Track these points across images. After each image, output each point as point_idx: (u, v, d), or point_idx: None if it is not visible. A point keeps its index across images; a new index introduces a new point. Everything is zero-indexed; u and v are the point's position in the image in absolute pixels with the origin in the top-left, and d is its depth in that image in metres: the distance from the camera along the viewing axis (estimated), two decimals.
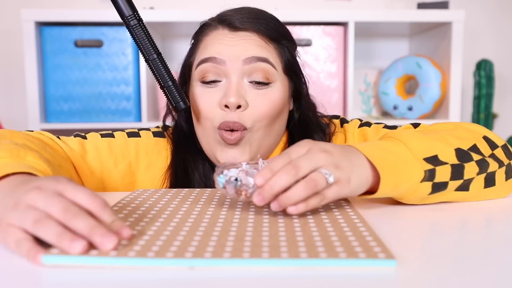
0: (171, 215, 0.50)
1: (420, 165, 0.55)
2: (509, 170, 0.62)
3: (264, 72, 0.72)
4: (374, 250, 0.39)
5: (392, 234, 0.47)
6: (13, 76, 2.00)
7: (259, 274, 0.36)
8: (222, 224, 0.47)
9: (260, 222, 0.48)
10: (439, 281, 0.35)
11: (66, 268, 0.38)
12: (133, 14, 0.66)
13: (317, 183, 0.47)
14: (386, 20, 1.70)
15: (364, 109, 2.02)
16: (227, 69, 0.72)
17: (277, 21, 0.77)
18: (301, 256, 0.38)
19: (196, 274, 0.36)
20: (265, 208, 0.53)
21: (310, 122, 0.81)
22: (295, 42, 0.80)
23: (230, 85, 0.71)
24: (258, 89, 0.72)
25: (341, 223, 0.47)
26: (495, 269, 0.38)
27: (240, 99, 0.70)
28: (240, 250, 0.39)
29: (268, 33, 0.73)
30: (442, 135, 0.60)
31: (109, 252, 0.38)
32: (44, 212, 0.40)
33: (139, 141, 0.81)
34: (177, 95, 0.69)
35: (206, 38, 0.75)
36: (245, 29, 0.73)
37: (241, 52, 0.71)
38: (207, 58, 0.72)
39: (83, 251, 0.38)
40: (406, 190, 0.55)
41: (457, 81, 1.73)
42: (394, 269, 0.37)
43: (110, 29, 1.68)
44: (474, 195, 0.60)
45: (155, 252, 0.39)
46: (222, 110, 0.71)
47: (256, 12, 0.76)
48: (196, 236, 0.43)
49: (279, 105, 0.74)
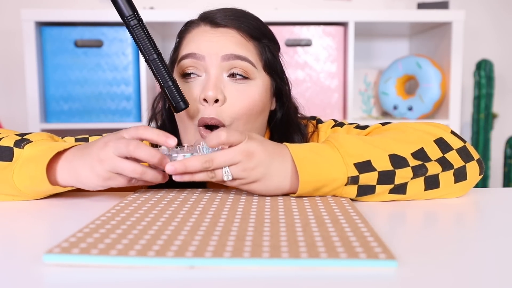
0: (172, 214, 0.50)
1: (346, 170, 0.59)
2: (460, 173, 0.63)
3: (243, 69, 0.72)
4: (375, 250, 0.39)
5: (393, 234, 0.47)
6: (13, 76, 2.00)
7: (259, 274, 0.36)
8: (223, 224, 0.47)
9: (261, 221, 0.48)
10: (440, 282, 0.35)
11: (67, 267, 0.38)
12: (133, 14, 0.66)
13: (216, 176, 0.58)
14: (386, 20, 1.70)
15: (364, 109, 2.02)
16: (206, 64, 0.72)
17: (260, 21, 0.78)
18: (302, 256, 0.38)
19: (197, 274, 0.36)
20: (267, 208, 0.54)
21: (292, 122, 0.81)
22: (278, 44, 0.80)
23: (209, 79, 0.71)
24: (237, 84, 0.72)
25: (342, 223, 0.47)
26: (496, 270, 0.38)
27: (217, 92, 0.70)
28: (240, 249, 0.39)
29: (248, 31, 0.74)
30: (385, 140, 0.63)
31: (109, 251, 0.38)
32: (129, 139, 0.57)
33: None
34: (177, 95, 0.68)
35: (188, 36, 0.76)
36: (225, 26, 0.73)
37: (220, 48, 0.72)
38: (187, 54, 0.73)
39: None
40: (329, 192, 0.60)
41: (457, 81, 1.73)
42: (395, 269, 0.37)
43: (110, 29, 1.68)
44: (414, 196, 0.62)
45: (155, 251, 0.39)
46: (201, 105, 0.71)
47: (240, 11, 0.77)
48: (197, 236, 0.43)
49: (258, 103, 0.73)
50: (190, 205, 0.55)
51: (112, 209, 0.52)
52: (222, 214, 0.51)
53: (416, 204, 0.61)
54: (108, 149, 0.56)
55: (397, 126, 0.71)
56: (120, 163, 0.56)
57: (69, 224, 0.51)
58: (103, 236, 0.42)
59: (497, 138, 2.09)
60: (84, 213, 0.57)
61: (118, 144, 0.56)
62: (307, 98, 1.74)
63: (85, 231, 0.44)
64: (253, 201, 0.57)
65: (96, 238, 0.42)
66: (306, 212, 0.51)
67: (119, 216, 0.49)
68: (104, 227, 0.45)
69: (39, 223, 0.54)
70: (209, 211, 0.52)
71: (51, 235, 0.49)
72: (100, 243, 0.40)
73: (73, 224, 0.50)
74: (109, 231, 0.44)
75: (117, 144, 0.56)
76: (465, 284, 0.35)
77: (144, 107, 1.69)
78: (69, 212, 0.58)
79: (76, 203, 0.61)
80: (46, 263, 0.38)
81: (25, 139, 0.63)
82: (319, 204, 0.55)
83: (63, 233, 0.46)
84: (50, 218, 0.56)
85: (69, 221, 0.54)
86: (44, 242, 0.41)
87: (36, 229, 0.51)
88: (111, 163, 0.56)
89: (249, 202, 0.57)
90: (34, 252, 0.41)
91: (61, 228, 0.51)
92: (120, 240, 0.41)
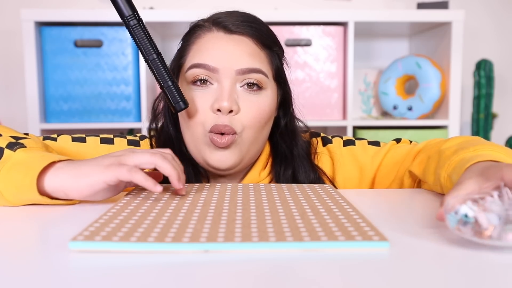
0: (178, 206, 0.54)
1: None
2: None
3: (257, 80, 0.72)
4: (369, 233, 0.44)
5: (379, 219, 0.52)
6: (13, 76, 2.00)
7: (267, 256, 0.41)
8: (227, 213, 0.51)
9: (262, 211, 0.52)
10: (427, 259, 0.41)
11: (91, 253, 0.41)
12: (132, 14, 0.66)
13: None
14: (386, 20, 1.70)
15: (364, 109, 2.02)
16: (220, 76, 0.71)
17: (267, 27, 0.77)
18: (305, 239, 0.42)
19: (211, 257, 0.40)
20: (264, 199, 0.58)
21: (296, 130, 0.81)
22: (283, 48, 0.80)
23: (223, 90, 0.71)
24: (250, 94, 0.72)
25: (335, 211, 0.52)
26: (478, 246, 0.43)
27: (232, 103, 0.70)
28: (248, 235, 0.43)
29: (261, 38, 0.73)
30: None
31: (129, 238, 0.42)
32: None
33: (111, 148, 0.80)
34: (177, 95, 0.68)
35: (200, 41, 0.74)
36: (239, 33, 0.72)
37: (234, 61, 0.71)
38: (199, 64, 0.71)
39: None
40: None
41: (456, 81, 1.74)
42: (387, 249, 0.42)
43: (110, 29, 1.68)
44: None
45: (171, 237, 0.42)
46: (214, 113, 0.71)
47: (250, 16, 0.76)
48: (206, 224, 0.47)
49: (269, 112, 0.74)
50: (192, 197, 0.59)
51: (119, 202, 0.55)
52: (224, 205, 0.54)
53: (397, 192, 0.67)
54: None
55: (438, 141, 0.73)
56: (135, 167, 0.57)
57: (82, 219, 0.52)
58: (118, 225, 0.46)
59: (497, 138, 2.09)
60: (94, 207, 0.58)
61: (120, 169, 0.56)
62: (307, 98, 1.74)
63: (100, 222, 0.47)
64: (250, 192, 0.61)
65: (113, 227, 0.45)
66: (301, 202, 0.56)
67: (128, 208, 0.52)
68: (117, 218, 0.48)
69: (55, 218, 0.55)
70: (211, 203, 0.55)
71: (67, 228, 0.51)
72: (118, 232, 0.44)
73: (86, 218, 0.52)
74: (123, 221, 0.47)
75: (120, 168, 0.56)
76: (451, 261, 0.40)
77: (144, 107, 1.69)
78: (78, 208, 0.58)
79: (81, 203, 0.62)
80: (72, 250, 0.41)
81: (19, 143, 0.61)
82: (311, 194, 0.60)
83: (79, 225, 0.48)
84: (62, 214, 0.56)
85: (80, 216, 0.55)
86: (60, 234, 0.46)
87: (53, 224, 0.53)
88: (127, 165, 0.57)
89: (247, 194, 0.60)
90: (58, 241, 0.45)
91: (76, 222, 0.52)
92: (136, 228, 0.45)
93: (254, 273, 0.37)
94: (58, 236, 0.47)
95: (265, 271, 0.38)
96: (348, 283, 0.36)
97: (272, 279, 0.36)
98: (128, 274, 0.37)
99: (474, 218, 0.41)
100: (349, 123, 1.74)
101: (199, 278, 0.36)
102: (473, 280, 0.36)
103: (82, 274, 0.38)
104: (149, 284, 0.35)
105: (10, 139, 0.62)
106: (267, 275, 0.37)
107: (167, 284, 0.35)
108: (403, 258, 0.41)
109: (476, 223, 0.41)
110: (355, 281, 0.36)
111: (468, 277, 0.37)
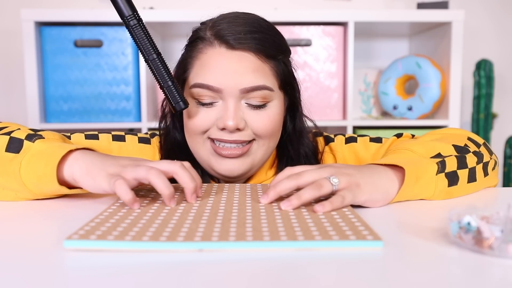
0: (174, 206, 0.54)
1: (431, 160, 0.62)
2: (492, 164, 0.70)
3: (262, 97, 0.72)
4: (363, 233, 0.44)
5: (375, 218, 0.53)
6: (13, 76, 2.00)
7: (261, 255, 0.41)
8: (222, 213, 0.51)
9: (257, 211, 0.52)
10: (421, 258, 0.41)
11: (86, 252, 0.41)
12: (132, 14, 0.66)
13: (321, 185, 0.54)
14: (386, 20, 1.70)
15: (364, 109, 2.02)
16: (223, 95, 0.71)
17: (272, 31, 0.75)
18: (299, 239, 0.42)
19: (205, 256, 0.40)
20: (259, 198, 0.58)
21: (303, 130, 0.82)
22: (289, 49, 0.78)
23: (228, 107, 0.70)
24: (256, 110, 0.72)
25: (330, 211, 0.52)
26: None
27: (238, 121, 0.70)
28: (243, 234, 0.43)
29: (265, 50, 0.71)
30: (437, 138, 0.70)
31: (124, 237, 0.42)
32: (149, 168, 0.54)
33: (122, 146, 0.80)
34: (177, 95, 0.68)
35: (203, 56, 0.72)
36: (242, 49, 0.70)
37: (238, 80, 0.70)
38: (203, 84, 0.71)
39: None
40: (427, 183, 0.60)
41: (456, 81, 1.73)
42: (381, 249, 0.42)
43: (110, 29, 1.68)
44: (479, 185, 0.67)
45: (166, 236, 0.42)
46: (218, 130, 0.71)
47: (252, 22, 0.73)
48: (201, 223, 0.47)
49: (278, 121, 0.75)
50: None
51: (116, 202, 0.56)
52: (220, 205, 0.55)
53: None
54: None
55: (426, 135, 0.77)
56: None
57: (78, 218, 0.53)
58: (114, 225, 0.46)
59: (497, 138, 2.09)
60: (91, 206, 0.59)
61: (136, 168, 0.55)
62: (307, 98, 1.73)
63: (96, 221, 0.47)
64: (246, 192, 0.62)
65: (109, 226, 0.45)
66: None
67: (124, 208, 0.53)
68: (113, 218, 0.48)
69: (52, 217, 0.56)
70: (207, 203, 0.56)
71: (64, 227, 0.51)
72: (113, 231, 0.44)
73: (82, 217, 0.52)
74: (119, 221, 0.47)
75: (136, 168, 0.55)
76: (442, 256, 0.41)
77: (144, 107, 1.69)
78: (75, 207, 0.59)
79: (83, 199, 0.62)
80: (66, 248, 0.42)
81: (37, 135, 0.63)
82: None
83: (74, 224, 0.48)
84: (59, 213, 0.57)
85: (77, 215, 0.55)
86: (56, 232, 0.46)
87: (50, 222, 0.54)
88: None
89: (243, 195, 0.60)
90: (53, 240, 0.45)
91: (72, 221, 0.52)
92: (131, 228, 0.45)
93: (248, 272, 0.37)
94: (53, 234, 0.47)
95: (260, 271, 0.38)
96: (342, 282, 0.36)
97: (266, 279, 0.36)
98: (122, 273, 0.37)
99: (476, 227, 0.42)
100: (349, 123, 1.74)
101: (193, 277, 0.37)
102: (466, 279, 0.37)
103: (76, 272, 0.38)
104: (144, 283, 0.35)
105: (29, 131, 0.64)
106: (261, 274, 0.37)
107: (161, 283, 0.35)
108: (397, 257, 0.41)
109: (478, 232, 0.41)
110: (349, 280, 0.36)
111: (461, 276, 0.37)
